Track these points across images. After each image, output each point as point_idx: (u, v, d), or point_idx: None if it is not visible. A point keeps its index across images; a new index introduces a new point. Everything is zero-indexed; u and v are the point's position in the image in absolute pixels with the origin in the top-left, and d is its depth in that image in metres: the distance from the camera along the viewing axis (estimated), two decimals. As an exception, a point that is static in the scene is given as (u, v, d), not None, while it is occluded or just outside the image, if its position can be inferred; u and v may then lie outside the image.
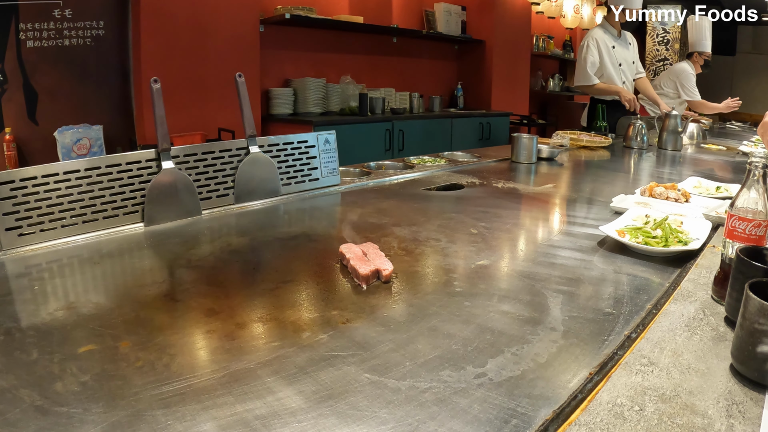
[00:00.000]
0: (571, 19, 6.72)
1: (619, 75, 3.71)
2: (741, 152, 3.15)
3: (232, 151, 1.50)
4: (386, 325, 0.83)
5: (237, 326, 0.82)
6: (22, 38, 3.02)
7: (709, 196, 1.79)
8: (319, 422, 0.59)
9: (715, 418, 0.59)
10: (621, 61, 3.74)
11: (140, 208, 1.31)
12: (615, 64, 3.70)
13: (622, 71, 3.73)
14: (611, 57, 3.68)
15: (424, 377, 0.69)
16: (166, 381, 0.66)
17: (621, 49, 3.75)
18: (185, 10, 3.50)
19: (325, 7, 4.44)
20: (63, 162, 1.25)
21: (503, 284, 1.04)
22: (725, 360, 0.71)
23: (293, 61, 4.40)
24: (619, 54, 3.73)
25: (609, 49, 3.68)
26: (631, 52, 3.85)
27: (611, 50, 3.69)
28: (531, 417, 0.61)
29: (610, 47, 3.69)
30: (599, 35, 3.68)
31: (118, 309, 0.88)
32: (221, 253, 1.17)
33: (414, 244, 1.23)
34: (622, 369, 0.69)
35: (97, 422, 0.58)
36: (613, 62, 3.69)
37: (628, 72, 3.80)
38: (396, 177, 2.01)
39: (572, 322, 0.85)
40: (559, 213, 1.68)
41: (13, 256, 1.11)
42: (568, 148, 2.98)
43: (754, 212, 0.90)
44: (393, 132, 4.24)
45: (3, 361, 0.71)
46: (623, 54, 3.77)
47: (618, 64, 3.71)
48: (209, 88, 3.65)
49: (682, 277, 1.03)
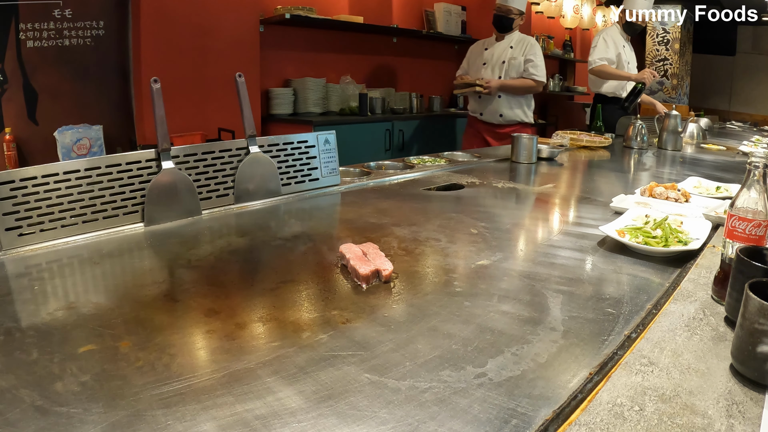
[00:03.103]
0: (571, 19, 6.73)
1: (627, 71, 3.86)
2: (741, 152, 3.15)
3: (232, 151, 1.50)
4: (386, 325, 0.83)
5: (237, 326, 0.82)
6: (22, 38, 3.02)
7: (709, 196, 1.79)
8: (319, 422, 0.59)
9: (715, 418, 0.59)
10: (629, 60, 3.93)
11: (140, 208, 1.31)
12: (624, 61, 3.88)
13: (629, 70, 3.88)
14: (624, 55, 3.87)
15: (424, 377, 0.68)
16: (166, 381, 0.66)
17: (629, 51, 3.95)
18: (185, 10, 3.50)
19: (325, 7, 4.44)
20: (63, 162, 1.25)
21: (503, 284, 1.04)
22: (725, 360, 0.71)
23: (293, 61, 4.40)
24: (628, 54, 3.93)
25: (620, 47, 3.86)
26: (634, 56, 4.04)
27: (623, 49, 3.87)
28: (531, 417, 0.61)
29: (621, 46, 3.86)
30: (614, 33, 3.88)
31: (118, 309, 0.88)
32: (221, 253, 1.17)
33: (414, 244, 1.23)
34: (622, 369, 0.69)
35: (97, 422, 0.58)
36: (625, 59, 3.88)
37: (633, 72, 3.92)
38: (396, 177, 2.01)
39: (572, 322, 0.85)
40: (559, 213, 1.68)
41: (13, 256, 1.11)
42: (568, 148, 2.98)
43: (754, 212, 0.90)
44: (393, 132, 4.24)
45: (3, 361, 0.71)
46: (630, 56, 3.97)
47: (627, 62, 3.89)
48: (209, 88, 3.65)
49: (682, 277, 1.03)
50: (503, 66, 3.51)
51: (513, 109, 3.56)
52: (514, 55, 3.50)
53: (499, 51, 3.56)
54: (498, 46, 3.58)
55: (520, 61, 3.47)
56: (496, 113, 3.58)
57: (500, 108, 3.55)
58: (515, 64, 3.48)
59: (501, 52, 3.55)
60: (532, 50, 3.49)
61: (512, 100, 3.55)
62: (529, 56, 3.47)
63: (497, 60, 3.54)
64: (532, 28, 6.44)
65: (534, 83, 3.49)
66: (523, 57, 3.47)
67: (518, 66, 3.48)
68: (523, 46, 3.51)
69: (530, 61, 3.46)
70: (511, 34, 3.55)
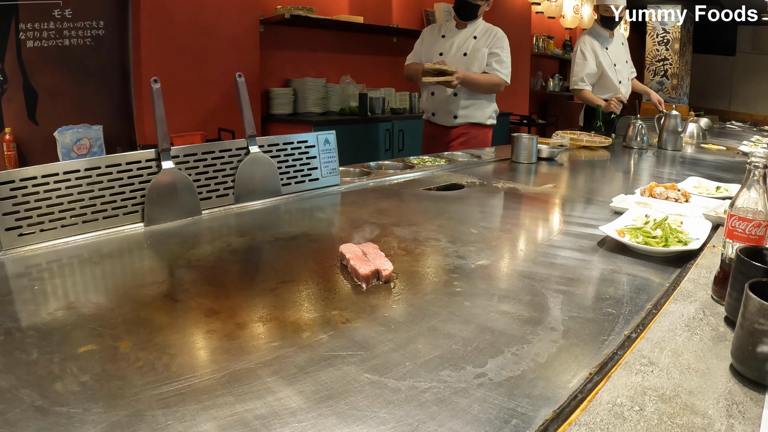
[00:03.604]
0: (571, 19, 6.73)
1: (615, 75, 3.72)
2: (741, 152, 3.15)
3: (232, 151, 1.50)
4: (386, 325, 0.83)
5: (237, 326, 0.82)
6: (22, 38, 3.02)
7: (709, 196, 1.79)
8: (319, 422, 0.59)
9: (715, 418, 0.59)
10: (615, 61, 3.75)
11: (140, 208, 1.31)
12: (610, 65, 3.71)
13: (617, 71, 3.74)
14: (605, 59, 3.70)
15: (424, 377, 0.69)
16: (166, 381, 0.66)
17: (614, 49, 3.75)
18: (185, 10, 3.50)
19: (325, 7, 4.44)
20: (63, 162, 1.25)
21: (503, 284, 1.04)
22: (725, 360, 0.71)
23: (293, 61, 4.40)
24: (614, 54, 3.74)
25: (602, 51, 3.68)
26: (624, 52, 3.84)
27: (605, 52, 3.68)
28: (531, 417, 0.61)
29: (603, 49, 3.68)
30: (588, 40, 3.69)
31: (118, 309, 0.88)
32: (221, 253, 1.17)
33: (414, 244, 1.23)
34: (622, 369, 0.69)
35: (97, 422, 0.58)
36: (608, 63, 3.70)
37: (623, 71, 3.81)
38: (396, 177, 2.01)
39: (572, 322, 0.85)
40: (559, 213, 1.68)
41: (13, 256, 1.11)
42: (568, 148, 2.98)
43: (754, 212, 0.90)
44: (393, 132, 4.24)
45: (3, 361, 0.71)
46: (617, 54, 3.77)
47: (613, 64, 3.73)
48: (209, 88, 3.66)
49: (682, 277, 1.03)
50: (464, 59, 2.91)
51: (470, 110, 3.00)
52: (477, 47, 2.93)
53: (459, 41, 2.97)
54: (459, 35, 2.98)
55: (484, 54, 2.91)
56: (450, 114, 3.00)
57: (456, 108, 2.98)
58: (479, 57, 2.91)
59: (462, 43, 2.96)
60: (499, 43, 2.93)
61: (470, 101, 2.98)
62: (495, 49, 2.92)
63: (457, 51, 2.95)
64: (532, 28, 6.44)
65: (500, 80, 2.93)
66: (488, 50, 2.92)
67: (482, 60, 2.92)
68: (488, 38, 2.95)
69: (496, 55, 2.91)
70: (475, 23, 2.99)
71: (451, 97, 2.97)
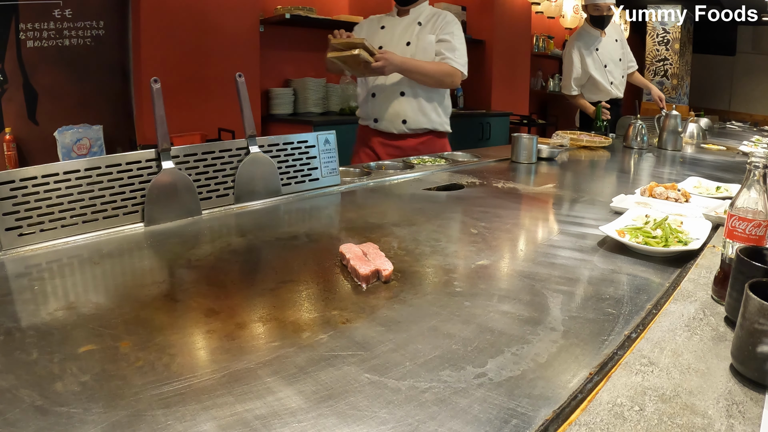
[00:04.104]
0: (571, 19, 6.73)
1: (605, 77, 3.68)
2: (741, 152, 3.15)
3: (232, 151, 1.50)
4: (386, 325, 0.83)
5: (237, 326, 0.82)
6: (22, 38, 3.02)
7: (709, 196, 1.79)
8: (319, 422, 0.59)
9: (715, 418, 0.59)
10: (606, 62, 3.69)
11: (140, 208, 1.31)
12: (600, 67, 3.65)
13: (608, 72, 3.69)
14: (595, 61, 3.64)
15: (424, 377, 0.68)
16: (166, 381, 0.66)
17: (606, 48, 3.69)
18: (185, 10, 3.50)
19: (325, 7, 4.44)
20: (63, 162, 1.25)
21: (503, 284, 1.04)
22: (725, 360, 0.71)
23: (293, 61, 4.40)
24: (605, 55, 3.68)
25: (592, 53, 3.62)
26: (618, 49, 3.77)
27: (594, 54, 3.62)
28: (531, 417, 0.61)
29: (593, 51, 3.62)
30: (576, 44, 3.65)
31: (118, 309, 0.88)
32: (221, 253, 1.17)
33: (414, 244, 1.23)
34: (622, 369, 0.69)
35: (97, 422, 0.58)
36: (598, 66, 3.65)
37: (615, 71, 3.75)
38: (396, 177, 2.01)
39: (572, 322, 0.85)
40: (560, 213, 1.68)
41: (13, 256, 1.11)
42: (568, 148, 2.98)
43: (754, 212, 0.90)
44: (393, 132, 4.23)
45: (3, 361, 0.71)
46: (609, 53, 3.71)
47: (603, 65, 3.67)
48: (209, 88, 3.65)
49: (682, 277, 1.03)
50: (407, 49, 2.43)
51: (424, 113, 2.48)
52: (422, 35, 2.43)
53: (401, 29, 2.47)
54: (400, 23, 2.49)
55: (431, 42, 2.42)
56: (397, 119, 2.46)
57: (404, 112, 2.46)
58: (425, 45, 2.42)
59: (404, 31, 2.46)
60: (448, 28, 2.43)
61: (423, 101, 2.47)
62: (444, 35, 2.42)
63: (399, 40, 2.45)
64: (532, 28, 6.44)
65: (451, 69, 2.40)
66: (437, 37, 2.43)
67: (429, 48, 2.42)
68: (435, 23, 2.45)
69: (446, 42, 2.41)
70: (419, 7, 2.49)
71: (397, 99, 2.46)
